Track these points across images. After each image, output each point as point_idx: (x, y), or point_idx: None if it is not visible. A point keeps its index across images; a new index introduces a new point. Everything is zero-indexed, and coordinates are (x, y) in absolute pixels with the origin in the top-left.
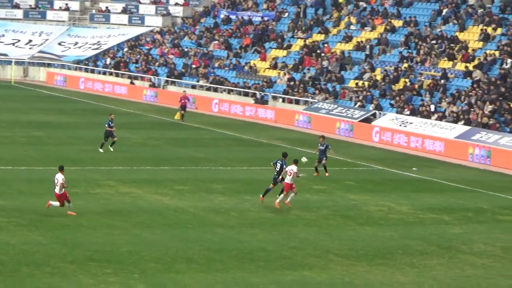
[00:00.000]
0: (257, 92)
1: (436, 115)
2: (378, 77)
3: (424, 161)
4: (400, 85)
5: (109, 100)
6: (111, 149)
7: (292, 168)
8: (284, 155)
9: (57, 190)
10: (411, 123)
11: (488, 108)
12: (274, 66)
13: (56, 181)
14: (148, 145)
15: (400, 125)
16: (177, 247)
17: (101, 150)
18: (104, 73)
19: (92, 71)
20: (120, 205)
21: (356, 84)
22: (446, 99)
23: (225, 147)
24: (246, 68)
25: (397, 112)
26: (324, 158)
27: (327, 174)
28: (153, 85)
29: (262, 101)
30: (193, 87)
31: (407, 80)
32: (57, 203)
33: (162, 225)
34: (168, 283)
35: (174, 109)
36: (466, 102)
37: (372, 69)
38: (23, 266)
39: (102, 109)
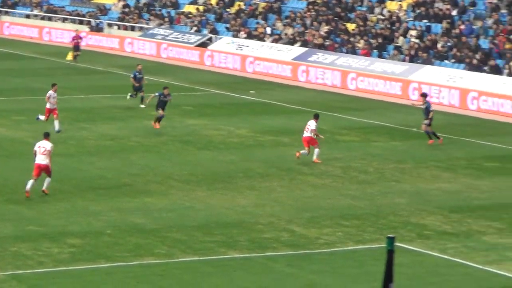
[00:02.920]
0: (92, 20)
1: (272, 38)
2: (213, 1)
3: (261, 84)
4: (235, 8)
5: None
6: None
7: (309, 124)
8: (316, 116)
9: (43, 160)
10: (247, 46)
11: (324, 29)
12: None
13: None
14: None
15: (237, 49)
16: (17, 179)
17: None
18: None
19: None
20: None
21: (195, 9)
22: (282, 21)
23: (62, 76)
24: None
25: (233, 36)
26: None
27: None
28: None
29: (98, 29)
30: (27, 16)
31: (241, 3)
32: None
33: (0, 156)
34: (8, 214)
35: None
36: (301, 23)
37: None
38: None
39: None
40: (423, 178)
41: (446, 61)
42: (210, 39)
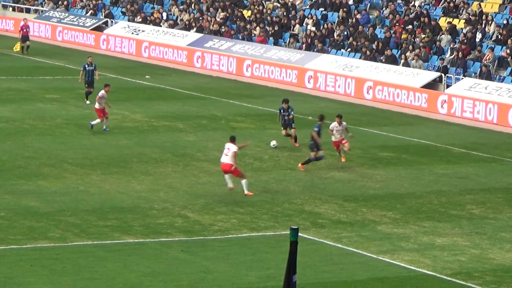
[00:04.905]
0: None
1: (167, 23)
2: None
3: (157, 69)
4: None
5: None
6: None
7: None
8: (321, 118)
9: (228, 160)
10: (143, 31)
11: (220, 15)
12: None
13: (227, 150)
14: None
15: (132, 33)
16: None
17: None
18: None
19: None
20: None
21: None
22: (178, 7)
23: None
24: None
25: (128, 20)
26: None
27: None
28: None
29: None
30: None
31: None
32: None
33: None
34: None
35: None
36: (197, 9)
37: None
38: None
39: None
40: (317, 166)
41: (342, 50)
42: (106, 23)
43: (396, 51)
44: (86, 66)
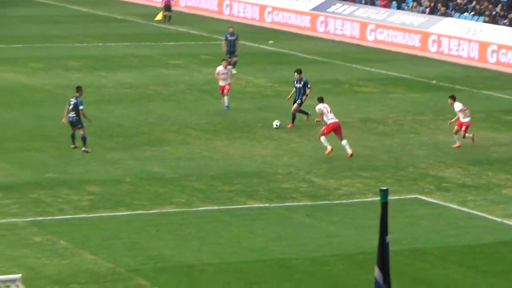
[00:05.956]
0: None
1: None
2: None
3: (280, 34)
4: None
5: None
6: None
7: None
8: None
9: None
10: None
11: None
12: None
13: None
14: (1, 24)
15: None
16: (35, 125)
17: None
18: None
19: None
20: None
21: None
22: None
23: (79, 23)
24: None
25: None
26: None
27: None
28: None
29: None
30: None
31: None
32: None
33: (18, 103)
34: (27, 161)
35: None
36: None
37: None
38: None
39: None
40: (441, 130)
41: (465, 14)
42: None
43: None
44: (228, 35)
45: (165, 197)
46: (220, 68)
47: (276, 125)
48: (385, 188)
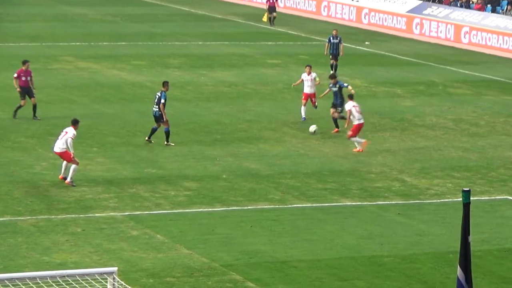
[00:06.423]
0: None
1: None
2: None
3: (376, 35)
4: None
5: None
6: None
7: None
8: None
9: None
10: None
11: None
12: None
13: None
14: (106, 21)
15: (353, 0)
16: (135, 121)
17: None
18: None
19: None
20: (78, 80)
21: None
22: None
23: (180, 22)
24: None
25: None
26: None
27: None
28: None
29: None
30: None
31: None
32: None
33: (120, 100)
34: (127, 156)
35: None
36: None
37: None
38: None
39: None
40: None
41: None
42: None
43: None
44: (331, 38)
45: (261, 194)
46: (303, 75)
47: (314, 130)
48: (467, 189)
